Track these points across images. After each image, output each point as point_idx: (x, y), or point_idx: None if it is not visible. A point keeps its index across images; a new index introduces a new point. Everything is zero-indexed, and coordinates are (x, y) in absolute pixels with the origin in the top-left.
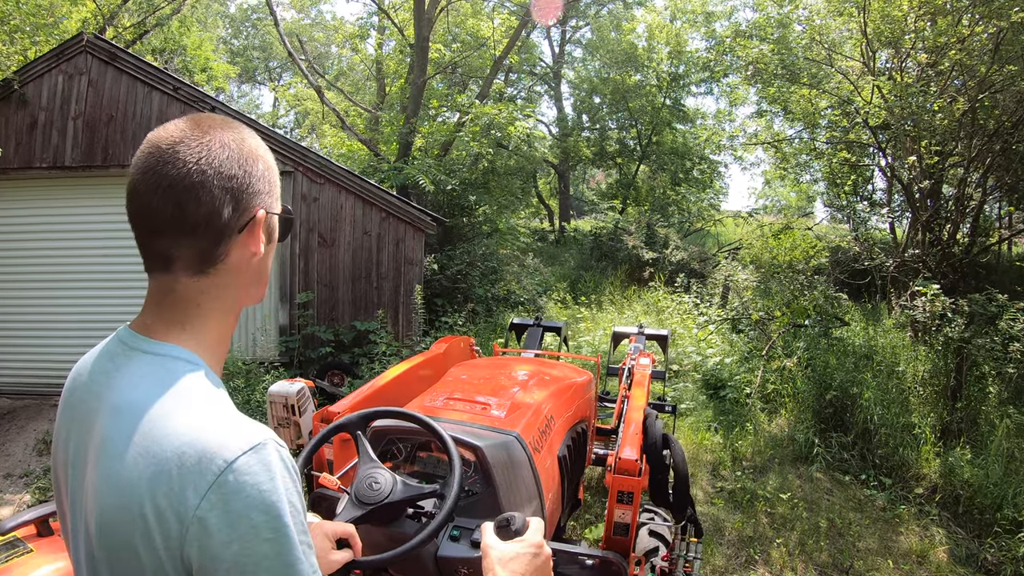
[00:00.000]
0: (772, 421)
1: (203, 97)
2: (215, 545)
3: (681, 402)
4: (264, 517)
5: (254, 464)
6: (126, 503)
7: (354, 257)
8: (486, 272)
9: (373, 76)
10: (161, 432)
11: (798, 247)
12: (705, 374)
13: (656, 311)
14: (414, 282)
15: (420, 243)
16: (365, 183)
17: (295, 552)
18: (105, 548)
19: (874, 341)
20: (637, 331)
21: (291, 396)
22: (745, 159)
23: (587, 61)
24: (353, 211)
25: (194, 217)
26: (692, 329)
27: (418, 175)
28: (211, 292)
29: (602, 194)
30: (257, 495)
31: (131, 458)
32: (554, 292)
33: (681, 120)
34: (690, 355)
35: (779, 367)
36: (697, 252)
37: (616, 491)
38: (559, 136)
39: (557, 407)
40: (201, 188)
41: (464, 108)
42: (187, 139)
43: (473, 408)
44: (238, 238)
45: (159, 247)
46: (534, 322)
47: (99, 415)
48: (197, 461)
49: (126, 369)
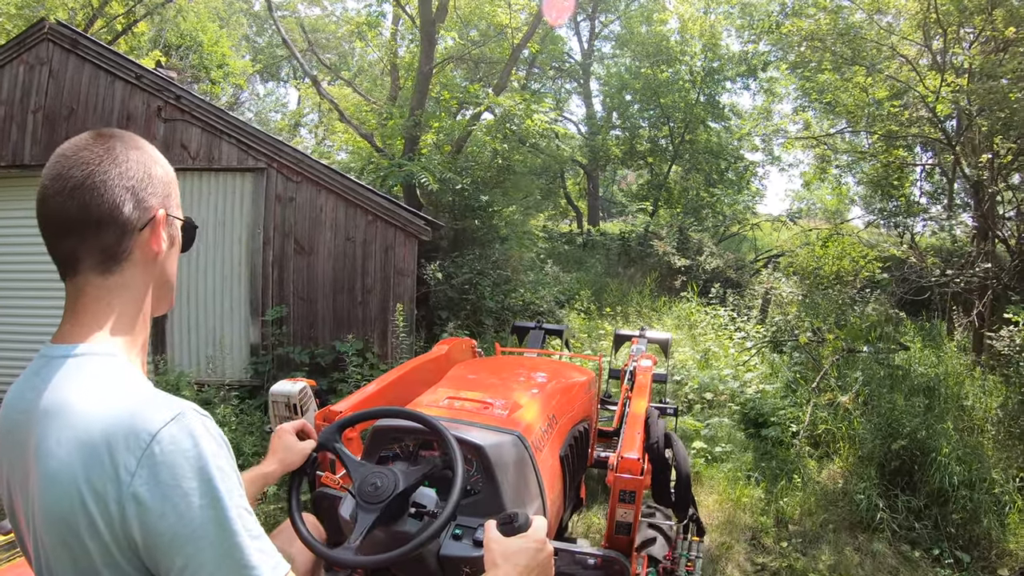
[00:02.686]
0: (823, 469)
1: (167, 85)
2: (152, 519)
3: (715, 442)
4: (194, 483)
5: (177, 433)
6: (67, 496)
7: (335, 267)
8: (498, 281)
9: (388, 71)
10: (86, 421)
11: (846, 256)
12: (744, 405)
13: (688, 325)
14: (405, 296)
15: (413, 251)
16: (348, 181)
17: (229, 515)
18: (55, 548)
19: (935, 368)
20: (639, 334)
21: (293, 395)
22: (783, 159)
23: (617, 57)
24: (335, 213)
25: (97, 213)
26: (728, 349)
27: (420, 172)
28: (119, 291)
29: (632, 195)
30: (184, 463)
31: (64, 452)
32: (577, 301)
33: (716, 117)
34: (726, 380)
35: (831, 400)
36: (733, 259)
37: (618, 490)
38: (587, 135)
39: (559, 406)
40: (103, 187)
41: (476, 99)
42: (90, 146)
43: (475, 407)
44: (140, 236)
45: (67, 248)
46: (536, 325)
47: (32, 427)
48: (123, 439)
49: (46, 376)
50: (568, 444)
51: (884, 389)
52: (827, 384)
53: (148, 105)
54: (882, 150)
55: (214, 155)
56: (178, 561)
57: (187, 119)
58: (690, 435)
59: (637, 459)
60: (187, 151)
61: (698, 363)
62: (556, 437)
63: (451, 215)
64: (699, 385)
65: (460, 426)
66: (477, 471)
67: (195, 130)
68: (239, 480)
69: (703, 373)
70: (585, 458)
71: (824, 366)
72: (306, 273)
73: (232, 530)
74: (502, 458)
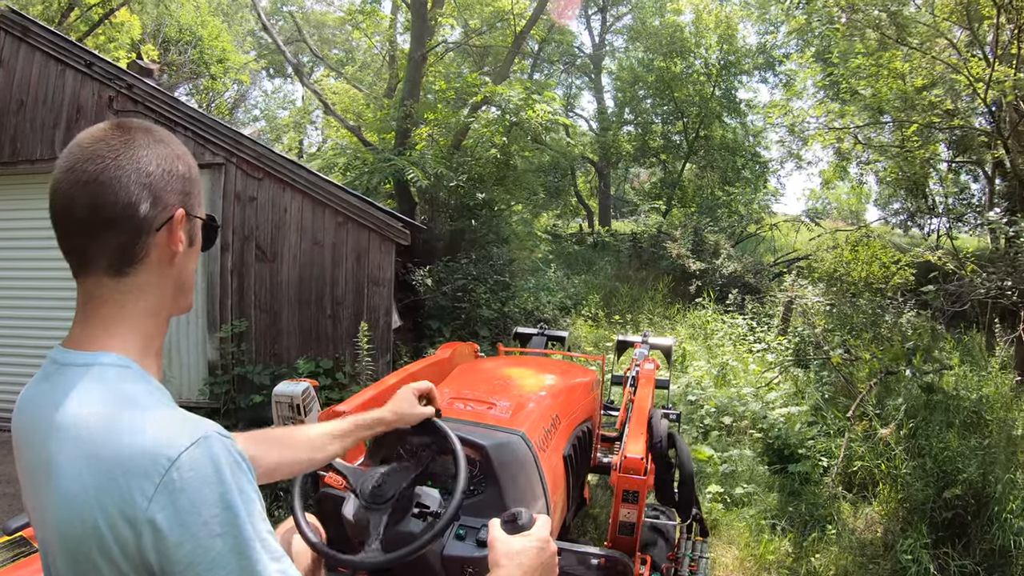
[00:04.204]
0: (859, 513)
1: (119, 73)
2: (169, 547)
3: (736, 480)
4: (214, 511)
5: (198, 458)
6: (79, 518)
7: (302, 275)
8: (496, 287)
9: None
10: (102, 440)
11: (876, 261)
12: (767, 433)
13: (704, 335)
14: (380, 308)
15: (389, 257)
16: (315, 177)
17: (250, 543)
18: (68, 567)
19: (978, 390)
20: (641, 339)
21: (296, 396)
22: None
23: (630, 52)
24: (300, 214)
25: (112, 211)
26: (748, 363)
27: (407, 167)
28: (134, 293)
29: (645, 194)
30: (204, 489)
31: (77, 472)
32: (584, 306)
33: (732, 112)
34: (746, 400)
35: (868, 429)
36: (752, 263)
37: (621, 490)
38: (599, 131)
39: (562, 406)
40: (118, 183)
41: (472, 88)
42: (108, 138)
43: (478, 407)
44: (157, 236)
45: (80, 245)
46: (538, 331)
47: (45, 438)
48: (140, 463)
49: (61, 387)
50: (571, 444)
51: (931, 420)
52: (862, 411)
53: (99, 96)
54: (917, 145)
55: None
56: None
57: (140, 110)
58: (706, 472)
59: (640, 459)
60: None
61: (715, 379)
62: (559, 437)
63: (447, 215)
64: (716, 407)
65: (463, 426)
66: (480, 471)
67: (148, 122)
68: (261, 503)
69: (720, 392)
70: (588, 458)
71: (860, 391)
72: (269, 282)
73: (253, 559)
74: (505, 458)
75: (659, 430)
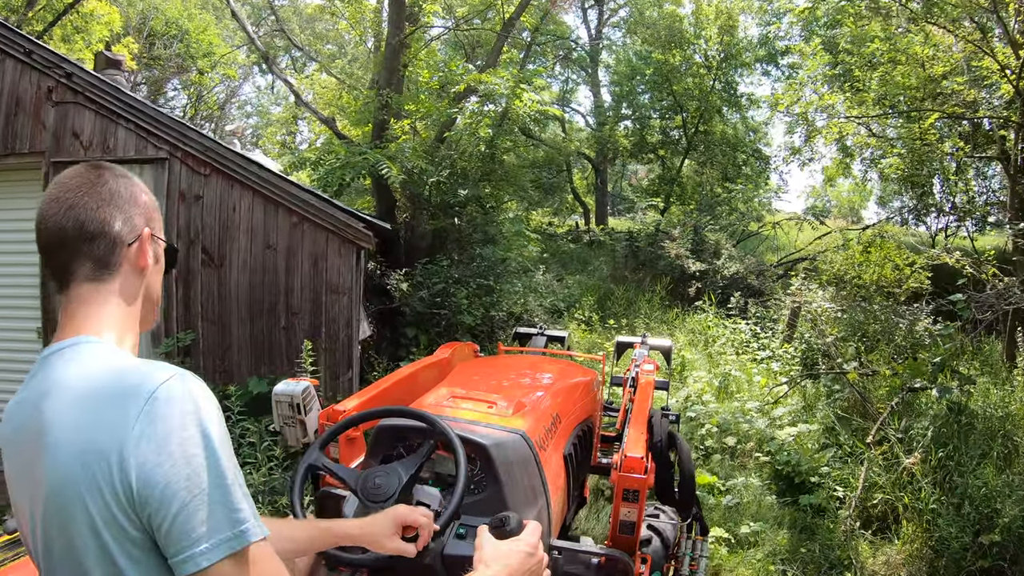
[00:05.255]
0: (879, 553)
1: (59, 62)
2: (149, 467)
3: (741, 515)
4: (190, 433)
5: (176, 388)
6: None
7: (252, 282)
8: (479, 291)
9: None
10: (87, 384)
11: (888, 263)
12: (775, 456)
13: (704, 341)
14: (340, 319)
15: (349, 261)
16: (266, 173)
17: (224, 469)
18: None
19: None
20: (640, 340)
21: (296, 395)
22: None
23: (627, 46)
24: (251, 214)
25: (91, 228)
26: (752, 373)
27: (381, 161)
28: (110, 296)
29: (642, 191)
30: (182, 414)
31: (66, 420)
32: (578, 309)
33: (733, 106)
34: (751, 416)
35: (888, 455)
36: (755, 264)
37: (622, 489)
38: (595, 126)
39: (563, 405)
40: (96, 206)
41: (456, 77)
42: (83, 175)
43: (479, 406)
44: (129, 250)
45: (62, 260)
46: (538, 331)
47: (37, 416)
48: (123, 396)
49: (46, 370)
50: (572, 443)
51: (962, 449)
52: (882, 434)
53: (38, 86)
54: (936, 138)
55: (109, 143)
56: (173, 507)
57: (80, 101)
58: (707, 505)
59: (641, 458)
60: (79, 140)
61: (716, 391)
62: (560, 436)
63: (428, 213)
64: (718, 426)
65: (464, 425)
66: (481, 470)
67: (88, 114)
68: (228, 439)
69: (722, 406)
70: (589, 457)
71: (878, 410)
72: (217, 290)
73: (226, 481)
74: (506, 457)
75: (660, 430)
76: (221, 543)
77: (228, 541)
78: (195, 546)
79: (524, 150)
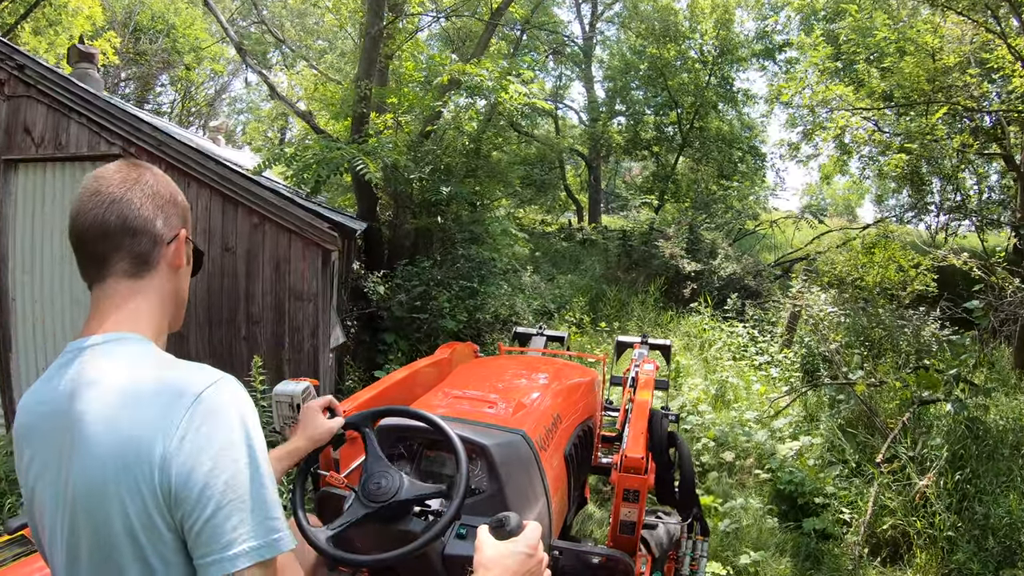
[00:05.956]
0: None
1: (11, 53)
2: (188, 469)
3: (740, 541)
4: (236, 432)
5: (220, 394)
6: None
7: (211, 288)
8: (462, 294)
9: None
10: (132, 384)
11: (892, 264)
12: (776, 474)
13: (700, 345)
14: (305, 328)
15: (315, 265)
16: (223, 169)
17: (263, 466)
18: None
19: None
20: (640, 340)
21: (296, 395)
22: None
23: (621, 41)
24: (208, 214)
25: (134, 223)
26: (751, 381)
27: (356, 157)
28: (147, 293)
29: (636, 188)
30: (226, 420)
31: (109, 415)
32: (568, 311)
33: (729, 102)
34: (750, 428)
35: (898, 474)
36: (752, 264)
37: (622, 489)
38: (588, 122)
39: (563, 405)
40: (140, 203)
41: (439, 67)
42: (124, 171)
43: (479, 406)
44: (168, 248)
45: (104, 252)
46: (537, 331)
47: (67, 410)
48: (169, 399)
49: (80, 364)
50: (572, 443)
51: (980, 471)
52: (892, 452)
53: None
54: (943, 134)
55: (61, 139)
56: (208, 509)
57: (32, 94)
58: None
59: (641, 458)
60: (31, 136)
61: (712, 399)
62: (560, 436)
63: (411, 211)
64: (715, 439)
65: (465, 426)
66: (482, 471)
67: (41, 108)
68: (265, 445)
69: (719, 416)
70: (589, 458)
71: (887, 425)
72: None
73: (265, 490)
74: (507, 457)
75: (660, 430)
76: (253, 550)
77: (260, 549)
78: (226, 550)
79: (515, 147)
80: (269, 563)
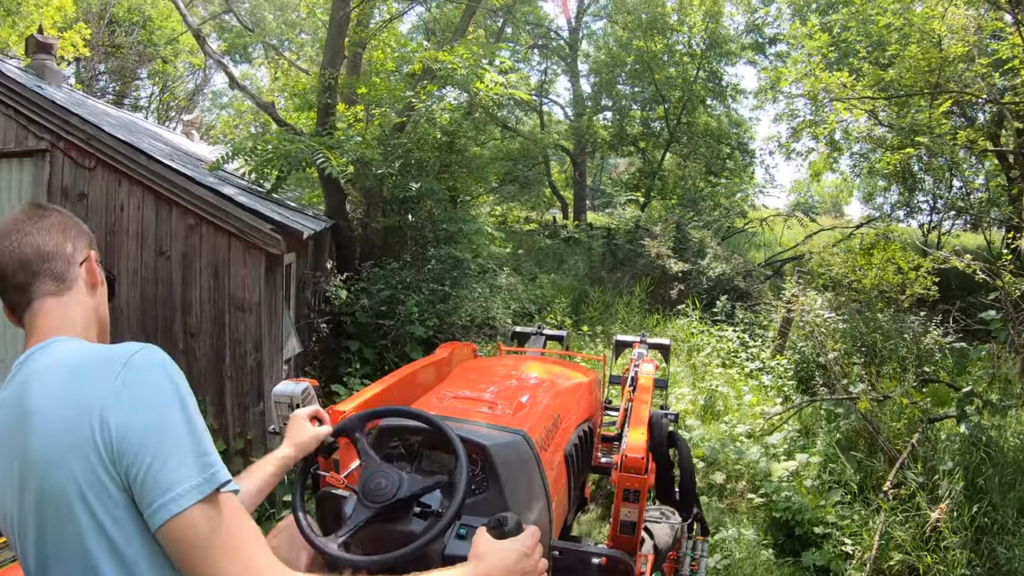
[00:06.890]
0: None
1: None
2: (125, 421)
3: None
4: (166, 389)
5: (147, 357)
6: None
7: (144, 296)
8: (432, 298)
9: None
10: (70, 367)
11: (891, 265)
12: (772, 499)
13: (687, 350)
14: (247, 341)
15: (257, 271)
16: (157, 165)
17: (195, 420)
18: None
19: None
20: (640, 339)
21: (296, 396)
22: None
23: (608, 35)
24: (141, 214)
25: (48, 248)
26: (742, 391)
27: (317, 151)
28: (71, 306)
29: (622, 185)
30: (154, 374)
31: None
32: (550, 313)
33: (717, 96)
34: (742, 444)
35: (906, 500)
36: (742, 264)
37: (622, 489)
38: (574, 117)
39: (563, 406)
40: (47, 234)
41: (408, 54)
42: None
43: (479, 406)
44: (80, 269)
45: (24, 280)
46: (536, 331)
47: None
48: (103, 368)
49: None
50: (573, 444)
51: (1000, 504)
52: (903, 477)
53: None
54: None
55: None
56: (148, 456)
57: None
58: None
59: (641, 458)
60: None
61: (701, 411)
62: (561, 437)
63: (380, 212)
64: (705, 457)
65: (464, 426)
66: (482, 471)
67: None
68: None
69: (709, 430)
70: (589, 458)
71: (893, 445)
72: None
73: (197, 430)
74: (507, 458)
75: (660, 430)
76: (193, 488)
77: (200, 486)
78: (168, 492)
79: (499, 142)
80: (211, 500)
